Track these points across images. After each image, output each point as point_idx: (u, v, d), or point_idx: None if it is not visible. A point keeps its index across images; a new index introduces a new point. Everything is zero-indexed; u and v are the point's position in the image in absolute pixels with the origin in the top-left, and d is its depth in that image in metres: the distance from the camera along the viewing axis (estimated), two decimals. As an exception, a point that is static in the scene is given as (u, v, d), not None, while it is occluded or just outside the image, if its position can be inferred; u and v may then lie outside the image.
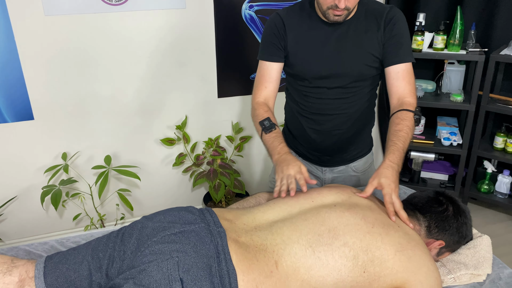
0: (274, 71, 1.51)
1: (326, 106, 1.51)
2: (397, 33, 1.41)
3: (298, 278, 1.05)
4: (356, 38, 1.42)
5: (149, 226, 1.12)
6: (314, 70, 1.46)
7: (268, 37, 1.49)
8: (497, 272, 1.28)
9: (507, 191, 2.65)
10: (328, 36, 1.43)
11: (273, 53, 1.49)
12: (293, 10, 1.48)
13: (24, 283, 1.13)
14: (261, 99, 1.52)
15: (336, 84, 1.47)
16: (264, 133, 1.45)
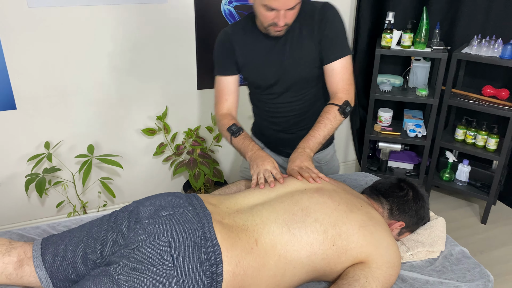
0: (231, 84, 1.64)
1: (279, 109, 1.67)
2: (329, 31, 1.50)
3: (275, 253, 1.19)
4: (296, 44, 1.53)
5: (140, 210, 1.23)
6: (263, 79, 1.61)
7: (220, 54, 1.62)
8: (449, 249, 1.45)
9: (466, 179, 2.86)
10: (271, 48, 1.55)
11: (226, 68, 1.62)
12: (238, 27, 1.60)
13: (23, 263, 1.22)
14: (224, 111, 1.66)
15: (284, 89, 1.61)
16: (233, 137, 1.59)
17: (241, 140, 1.57)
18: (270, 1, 1.36)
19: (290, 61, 1.55)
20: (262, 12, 1.41)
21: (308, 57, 1.54)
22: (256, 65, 1.59)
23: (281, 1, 1.36)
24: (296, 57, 1.54)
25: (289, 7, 1.38)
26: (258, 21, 1.53)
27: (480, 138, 2.69)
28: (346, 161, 3.30)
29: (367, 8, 2.74)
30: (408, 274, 1.34)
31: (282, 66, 1.56)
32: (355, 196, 1.40)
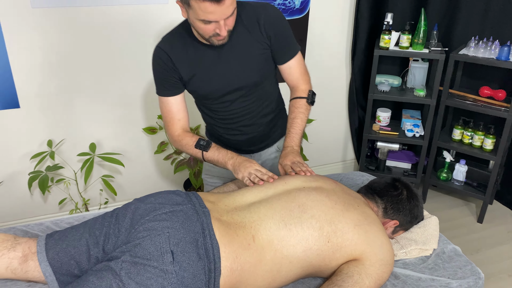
0: (179, 103, 1.56)
1: (234, 115, 1.62)
2: (278, 32, 1.50)
3: (272, 248, 1.23)
4: (242, 49, 1.49)
5: (141, 207, 1.27)
6: (214, 90, 1.54)
7: (160, 74, 1.51)
8: (442, 247, 1.49)
9: (463, 179, 2.89)
10: (216, 58, 1.49)
11: (171, 88, 1.53)
12: (173, 41, 1.49)
13: (28, 258, 1.26)
14: (179, 131, 1.58)
15: (237, 95, 1.56)
16: (204, 153, 1.53)
17: (215, 152, 1.52)
18: (206, 15, 1.29)
19: (238, 69, 1.51)
20: (200, 26, 1.34)
21: (257, 61, 1.53)
22: (203, 78, 1.51)
23: (218, 13, 1.29)
24: (245, 63, 1.51)
25: (227, 16, 1.32)
26: (196, 31, 1.44)
27: (477, 138, 2.73)
28: (344, 160, 3.34)
29: (365, 9, 2.77)
30: (401, 271, 1.38)
31: (231, 75, 1.51)
32: (352, 196, 1.44)
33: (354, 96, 3.04)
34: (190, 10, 1.31)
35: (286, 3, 2.62)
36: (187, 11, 1.34)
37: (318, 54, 2.86)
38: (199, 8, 1.28)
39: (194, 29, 1.42)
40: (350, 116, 3.14)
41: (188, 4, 1.30)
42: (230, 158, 1.49)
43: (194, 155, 1.56)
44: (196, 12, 1.30)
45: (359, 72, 2.97)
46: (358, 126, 3.16)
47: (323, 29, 2.80)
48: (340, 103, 3.11)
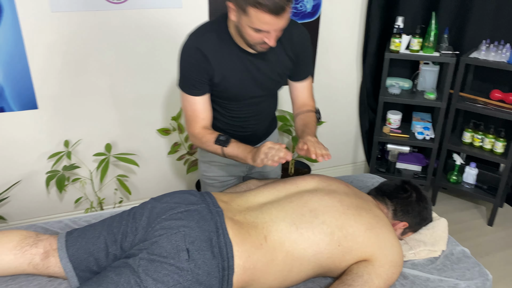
0: (205, 103, 1.53)
1: (246, 115, 1.65)
2: (304, 53, 1.58)
3: (283, 250, 1.27)
4: (274, 60, 1.52)
5: (158, 206, 1.32)
6: (240, 94, 1.56)
7: (191, 73, 1.47)
8: (451, 248, 1.51)
9: (473, 182, 2.90)
10: (249, 62, 1.49)
11: (200, 88, 1.50)
12: (209, 40, 1.45)
13: (49, 254, 1.32)
14: (200, 129, 1.55)
15: (256, 100, 1.62)
16: (224, 148, 1.49)
17: (235, 147, 1.49)
18: (261, 25, 1.28)
19: (267, 77, 1.55)
20: (250, 33, 1.33)
21: (283, 73, 1.59)
22: (232, 82, 1.51)
23: (274, 25, 1.28)
24: (273, 73, 1.55)
25: (282, 28, 1.33)
26: (235, 34, 1.43)
27: (488, 142, 2.73)
28: (355, 162, 3.36)
29: (376, 13, 2.79)
30: (410, 272, 1.41)
31: (259, 82, 1.54)
32: (364, 200, 1.47)
33: (364, 99, 3.06)
34: (244, 15, 1.28)
35: (297, 6, 2.65)
36: (239, 15, 1.31)
37: (329, 57, 2.90)
38: (256, 17, 1.26)
39: (238, 33, 1.39)
40: (360, 119, 3.16)
41: (244, 10, 1.27)
42: (249, 151, 1.44)
43: (214, 151, 1.53)
44: (251, 20, 1.28)
45: (370, 75, 3.00)
46: (369, 128, 3.18)
47: (334, 32, 2.83)
48: (350, 105, 3.14)
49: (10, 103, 2.27)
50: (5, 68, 2.19)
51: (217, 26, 1.46)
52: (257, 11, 1.24)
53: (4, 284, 1.32)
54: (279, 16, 1.26)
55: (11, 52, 2.17)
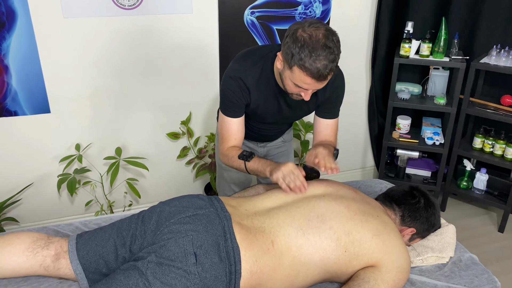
0: (239, 124, 1.63)
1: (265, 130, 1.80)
2: (336, 95, 1.65)
3: (290, 254, 1.27)
4: (303, 102, 1.60)
5: (166, 210, 1.33)
6: (267, 120, 1.69)
7: (233, 98, 1.56)
8: (459, 255, 1.51)
9: (483, 188, 2.88)
10: (282, 100, 1.60)
11: (239, 111, 1.60)
12: (254, 73, 1.53)
13: (60, 256, 1.34)
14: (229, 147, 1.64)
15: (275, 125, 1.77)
16: (247, 163, 1.56)
17: (256, 161, 1.55)
18: (302, 84, 1.36)
19: (292, 113, 1.67)
20: (290, 84, 1.41)
21: (307, 111, 1.69)
22: (264, 110, 1.62)
23: (313, 86, 1.37)
24: (301, 111, 1.67)
25: (319, 88, 1.41)
26: (277, 75, 1.52)
27: (498, 147, 2.71)
28: (364, 167, 3.36)
29: (386, 18, 2.80)
30: (417, 278, 1.41)
31: (285, 114, 1.66)
32: (371, 205, 1.47)
33: (374, 104, 3.06)
34: (288, 70, 1.36)
35: (307, 12, 2.67)
36: (284, 67, 1.38)
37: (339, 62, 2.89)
38: (299, 76, 1.33)
39: (279, 77, 1.48)
40: (370, 123, 3.16)
41: (289, 66, 1.34)
42: (268, 165, 1.51)
43: (238, 167, 1.59)
44: (293, 76, 1.35)
45: (379, 80, 2.99)
46: (378, 133, 3.18)
47: (344, 37, 2.84)
48: (360, 110, 3.13)
49: (23, 107, 2.31)
50: (19, 73, 2.23)
51: (263, 62, 1.54)
52: (301, 72, 1.32)
53: (16, 286, 1.35)
54: (320, 82, 1.35)
55: (25, 57, 2.22)
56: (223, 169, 1.92)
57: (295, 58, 1.30)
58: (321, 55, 1.29)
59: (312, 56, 1.28)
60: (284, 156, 1.98)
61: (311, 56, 1.28)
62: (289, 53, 1.32)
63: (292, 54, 1.31)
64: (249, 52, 1.59)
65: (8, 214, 2.52)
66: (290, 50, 1.31)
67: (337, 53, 1.33)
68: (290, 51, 1.31)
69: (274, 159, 1.93)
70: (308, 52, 1.28)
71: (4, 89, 2.24)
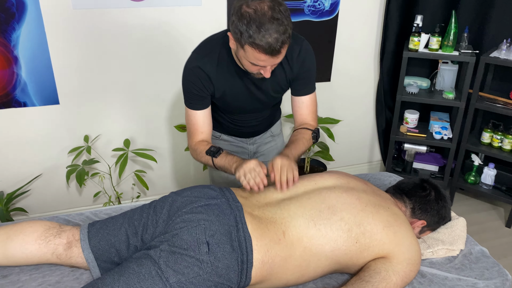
0: (205, 117, 1.57)
1: (247, 120, 1.73)
2: (305, 69, 1.57)
3: (301, 245, 1.28)
4: (274, 79, 1.55)
5: (178, 200, 1.34)
6: (239, 109, 1.64)
7: (193, 89, 1.51)
8: (469, 248, 1.51)
9: (491, 183, 2.87)
10: (249, 82, 1.53)
11: (201, 103, 1.54)
12: (212, 59, 1.48)
13: (72, 245, 1.35)
14: (197, 142, 1.59)
15: (256, 111, 1.70)
16: (214, 158, 1.52)
17: (223, 158, 1.51)
18: (257, 61, 1.30)
19: (266, 94, 1.60)
20: (247, 64, 1.36)
21: (282, 90, 1.62)
22: (232, 97, 1.56)
23: (269, 62, 1.31)
24: (273, 90, 1.59)
25: (276, 63, 1.35)
26: (237, 58, 1.45)
27: (507, 142, 2.70)
28: (371, 161, 3.35)
29: (395, 11, 2.78)
30: (427, 270, 1.41)
31: (259, 98, 1.60)
32: (382, 197, 1.47)
33: (382, 98, 3.05)
34: (241, 50, 1.31)
35: (316, 5, 2.66)
36: (237, 47, 1.33)
37: (347, 55, 2.89)
38: (252, 54, 1.28)
39: (237, 58, 1.43)
40: (377, 117, 3.15)
41: (241, 45, 1.29)
42: (234, 162, 1.46)
43: (206, 162, 1.56)
44: (247, 55, 1.30)
45: (388, 74, 2.98)
46: (385, 127, 3.17)
47: (352, 30, 2.83)
48: (367, 104, 3.12)
49: (33, 98, 2.32)
50: (29, 64, 2.24)
51: (220, 46, 1.48)
52: (253, 50, 1.26)
53: (29, 273, 1.36)
54: (274, 56, 1.28)
55: (34, 49, 2.22)
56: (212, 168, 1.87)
57: (244, 36, 1.24)
58: (270, 29, 1.22)
59: (261, 31, 1.21)
60: (275, 151, 1.92)
61: (260, 31, 1.21)
62: (237, 32, 1.26)
63: (240, 33, 1.25)
64: (204, 41, 1.53)
65: (17, 205, 2.53)
66: (238, 28, 1.25)
67: (286, 23, 1.25)
68: (238, 30, 1.25)
69: (265, 156, 1.89)
70: (256, 28, 1.21)
71: (14, 80, 2.24)
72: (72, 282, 1.34)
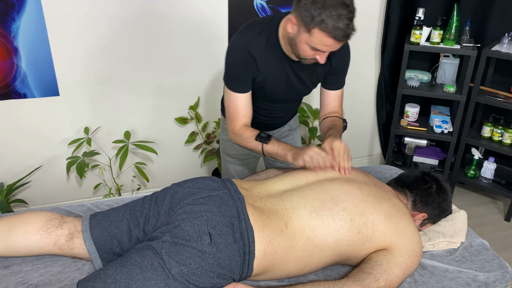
0: (247, 100, 1.57)
1: (274, 111, 1.74)
2: (342, 64, 1.62)
3: (303, 236, 1.28)
4: (312, 70, 1.57)
5: (180, 191, 1.34)
6: (275, 97, 1.64)
7: (239, 72, 1.51)
8: (470, 241, 1.51)
9: (491, 177, 2.87)
10: (290, 69, 1.54)
11: (245, 86, 1.54)
12: (260, 42, 1.48)
13: (73, 236, 1.35)
14: (241, 126, 1.58)
15: (284, 103, 1.72)
16: (265, 145, 1.53)
17: (275, 144, 1.52)
18: (321, 46, 1.33)
19: (303, 85, 1.62)
20: (305, 49, 1.37)
21: (317, 81, 1.65)
22: (271, 84, 1.56)
23: (332, 47, 1.34)
24: (309, 82, 1.62)
25: (337, 49, 1.38)
26: (284, 42, 1.46)
27: (507, 136, 2.70)
28: (371, 155, 3.35)
29: (397, 4, 2.76)
30: (428, 262, 1.41)
31: (296, 89, 1.61)
32: (383, 189, 1.47)
33: (382, 91, 3.05)
34: (305, 33, 1.32)
35: (317, -3, 2.64)
36: (299, 30, 1.34)
37: (348, 48, 2.88)
38: (319, 38, 1.30)
39: (288, 43, 1.43)
40: (378, 111, 3.14)
41: (307, 28, 1.30)
42: (290, 149, 1.49)
43: (253, 148, 1.55)
44: (311, 39, 1.32)
45: (389, 67, 2.97)
46: (386, 121, 3.17)
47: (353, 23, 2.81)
48: (368, 97, 3.12)
49: (33, 89, 2.31)
50: (29, 55, 2.22)
51: (268, 30, 1.48)
52: (322, 33, 1.29)
53: (30, 264, 1.36)
54: (340, 42, 1.32)
55: (34, 39, 2.21)
56: (227, 162, 1.89)
57: (316, 20, 1.26)
58: (342, 15, 1.26)
59: (334, 16, 1.25)
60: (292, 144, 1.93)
61: (332, 16, 1.25)
62: (307, 16, 1.28)
63: (312, 16, 1.27)
64: (251, 23, 1.53)
65: (17, 196, 2.53)
66: (309, 11, 1.27)
67: (354, 10, 1.30)
68: (309, 13, 1.27)
69: None
70: (330, 13, 1.25)
71: (14, 71, 2.23)
72: (74, 272, 1.34)
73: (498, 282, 1.34)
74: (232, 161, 1.88)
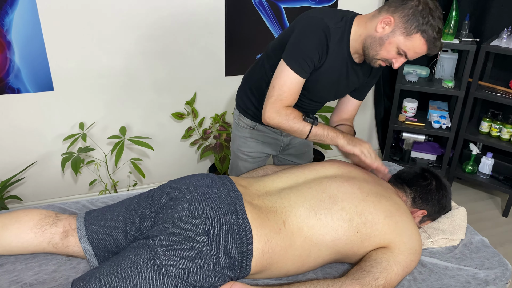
0: (301, 87, 1.47)
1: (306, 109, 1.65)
2: (374, 78, 1.64)
3: (301, 235, 1.26)
4: (360, 76, 1.56)
5: (177, 189, 1.32)
6: (320, 94, 1.58)
7: (312, 53, 1.40)
8: (469, 238, 1.50)
9: (489, 172, 2.86)
10: (346, 72, 1.50)
11: (308, 70, 1.44)
12: (336, 35, 1.41)
13: (68, 234, 1.33)
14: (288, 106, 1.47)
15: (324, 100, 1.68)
16: (314, 126, 1.46)
17: (324, 127, 1.47)
18: (411, 53, 1.32)
19: (346, 88, 1.60)
20: (389, 50, 1.33)
21: (354, 87, 1.64)
22: (327, 81, 1.51)
23: (420, 54, 1.34)
24: (352, 85, 1.60)
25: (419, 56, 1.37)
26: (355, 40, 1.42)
27: (506, 131, 2.69)
28: (368, 150, 3.33)
29: (396, -2, 2.74)
30: (428, 260, 1.40)
31: (341, 88, 1.58)
32: (383, 187, 1.45)
33: (380, 86, 3.03)
34: (402, 36, 1.30)
35: (315, -9, 2.61)
36: (393, 33, 1.31)
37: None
38: (415, 44, 1.30)
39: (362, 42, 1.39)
40: (376, 106, 3.13)
41: (407, 32, 1.28)
42: (340, 133, 1.49)
43: (298, 128, 1.45)
44: (406, 44, 1.30)
45: (387, 62, 2.95)
46: (384, 116, 3.15)
47: (352, 17, 2.79)
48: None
49: (27, 84, 2.27)
50: (22, 49, 2.19)
51: (344, 24, 1.42)
52: (422, 40, 1.29)
53: (24, 262, 1.34)
54: (428, 51, 1.33)
55: (28, 34, 2.17)
56: (239, 158, 1.86)
57: (421, 26, 1.26)
58: (440, 29, 1.28)
59: (436, 28, 1.27)
60: (305, 143, 1.91)
61: (435, 28, 1.27)
62: (413, 19, 1.26)
63: (418, 21, 1.26)
64: (335, 10, 1.46)
65: (11, 193, 2.50)
66: (417, 16, 1.26)
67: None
68: (415, 18, 1.26)
69: (296, 148, 1.88)
70: (434, 24, 1.26)
71: (7, 66, 2.20)
72: (69, 271, 1.32)
73: (498, 279, 1.33)
74: (244, 158, 1.84)
